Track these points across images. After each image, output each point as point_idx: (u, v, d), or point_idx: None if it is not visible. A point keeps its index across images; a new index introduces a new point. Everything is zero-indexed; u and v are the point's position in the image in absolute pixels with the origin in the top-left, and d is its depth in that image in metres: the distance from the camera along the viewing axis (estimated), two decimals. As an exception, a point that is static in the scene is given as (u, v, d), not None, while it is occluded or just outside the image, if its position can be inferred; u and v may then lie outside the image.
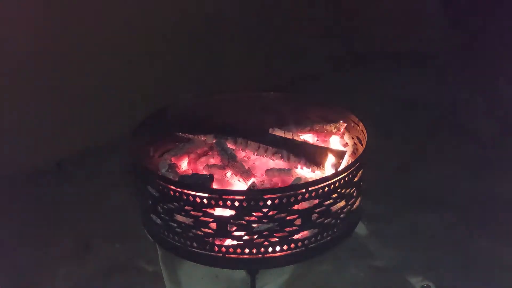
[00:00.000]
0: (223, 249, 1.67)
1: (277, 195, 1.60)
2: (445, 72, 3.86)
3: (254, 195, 1.64)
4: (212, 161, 2.01)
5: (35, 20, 2.69)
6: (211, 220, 1.63)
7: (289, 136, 2.07)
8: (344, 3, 4.11)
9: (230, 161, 1.92)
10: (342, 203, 1.74)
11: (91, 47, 2.89)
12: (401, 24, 4.08)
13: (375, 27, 4.10)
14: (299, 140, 2.07)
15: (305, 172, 1.89)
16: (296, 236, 1.67)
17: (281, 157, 1.94)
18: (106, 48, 2.95)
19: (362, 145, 1.93)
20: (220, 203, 1.60)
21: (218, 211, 1.64)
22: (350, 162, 1.88)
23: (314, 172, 1.88)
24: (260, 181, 1.85)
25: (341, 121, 2.11)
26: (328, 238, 1.74)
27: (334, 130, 2.10)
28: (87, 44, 2.88)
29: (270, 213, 1.61)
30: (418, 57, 3.96)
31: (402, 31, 4.04)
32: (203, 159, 2.03)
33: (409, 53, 3.97)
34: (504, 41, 3.94)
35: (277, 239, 1.66)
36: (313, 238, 1.70)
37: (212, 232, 1.65)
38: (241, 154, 2.02)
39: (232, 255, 1.67)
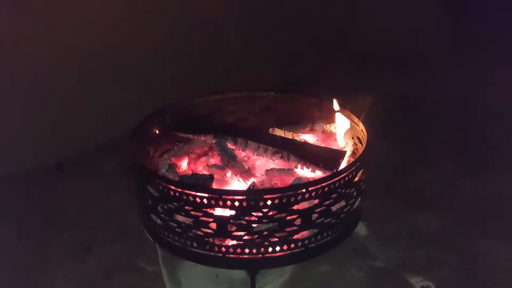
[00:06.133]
0: (223, 249, 1.67)
1: (277, 195, 1.61)
2: (444, 72, 3.86)
3: (254, 195, 1.64)
4: (212, 161, 2.01)
5: (36, 20, 2.69)
6: (211, 220, 1.63)
7: (289, 136, 2.08)
8: (346, 3, 4.11)
9: (230, 161, 1.92)
10: (342, 203, 1.74)
11: (91, 46, 2.89)
12: (401, 24, 4.08)
13: (376, 27, 4.10)
14: (299, 140, 2.07)
15: (305, 172, 1.89)
16: (296, 236, 1.67)
17: (281, 157, 1.94)
18: (106, 48, 2.95)
19: (362, 145, 1.93)
20: (220, 203, 1.61)
21: (218, 211, 1.64)
22: (350, 162, 1.88)
23: (314, 172, 1.88)
24: (260, 181, 1.85)
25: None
26: (328, 238, 1.74)
27: (334, 130, 2.10)
28: (87, 44, 2.88)
29: (270, 213, 1.61)
30: (418, 57, 3.96)
31: (402, 31, 4.04)
32: (203, 159, 2.03)
33: (409, 53, 3.96)
34: (503, 41, 3.94)
35: (277, 239, 1.66)
36: (313, 238, 1.70)
37: (212, 232, 1.65)
38: (241, 154, 2.02)
39: (232, 255, 1.67)
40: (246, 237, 1.64)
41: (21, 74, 2.70)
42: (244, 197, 1.61)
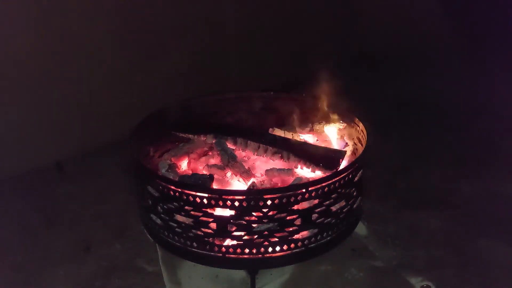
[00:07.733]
0: (223, 249, 1.67)
1: (277, 195, 1.61)
2: (445, 72, 3.86)
3: (254, 195, 1.64)
4: (212, 161, 2.01)
5: (35, 20, 2.69)
6: (211, 220, 1.63)
7: (289, 136, 2.08)
8: (345, 3, 4.11)
9: (230, 161, 1.92)
10: (342, 203, 1.74)
11: (91, 47, 2.89)
12: (401, 24, 4.08)
13: (375, 27, 4.10)
14: (299, 140, 2.07)
15: (305, 172, 1.89)
16: (296, 236, 1.67)
17: (281, 157, 1.94)
18: (106, 48, 2.95)
19: (362, 145, 1.93)
20: (220, 203, 1.60)
21: (218, 211, 1.64)
22: (350, 162, 1.88)
23: (314, 172, 1.88)
24: (260, 181, 1.85)
25: (341, 121, 2.11)
26: (328, 238, 1.74)
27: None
28: (88, 44, 2.88)
29: (270, 213, 1.61)
30: (418, 57, 3.96)
31: (402, 31, 4.04)
32: (203, 159, 2.03)
33: (409, 53, 3.97)
34: (503, 40, 3.94)
35: (277, 239, 1.66)
36: (313, 238, 1.70)
37: (212, 232, 1.65)
38: (241, 154, 2.02)
39: (232, 255, 1.67)
40: (246, 237, 1.64)
41: (21, 74, 2.70)
42: (244, 197, 1.61)
